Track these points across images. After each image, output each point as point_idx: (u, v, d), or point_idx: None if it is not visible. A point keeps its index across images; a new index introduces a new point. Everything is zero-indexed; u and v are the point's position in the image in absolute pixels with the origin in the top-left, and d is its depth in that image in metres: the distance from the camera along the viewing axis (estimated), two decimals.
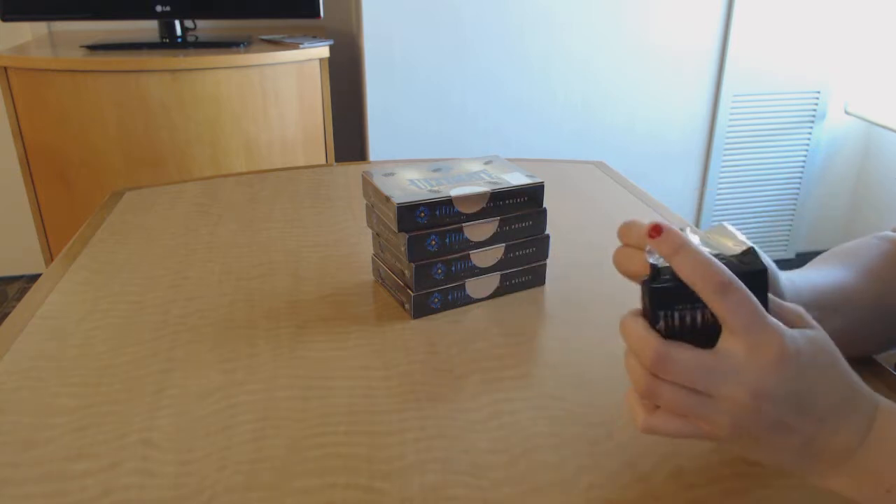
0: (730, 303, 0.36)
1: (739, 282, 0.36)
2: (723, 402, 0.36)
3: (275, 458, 0.46)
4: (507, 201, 0.64)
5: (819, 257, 0.56)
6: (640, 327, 0.38)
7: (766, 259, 0.44)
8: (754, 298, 0.36)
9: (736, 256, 0.39)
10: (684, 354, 0.36)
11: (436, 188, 0.63)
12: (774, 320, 0.36)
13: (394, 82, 1.92)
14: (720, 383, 0.36)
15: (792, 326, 0.37)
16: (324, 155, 1.86)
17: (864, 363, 0.56)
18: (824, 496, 0.42)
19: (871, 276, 0.52)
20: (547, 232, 0.68)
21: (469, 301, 0.66)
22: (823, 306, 0.49)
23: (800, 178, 2.26)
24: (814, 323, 0.38)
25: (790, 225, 2.32)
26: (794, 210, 2.30)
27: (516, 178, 0.66)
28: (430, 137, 1.99)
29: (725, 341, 0.36)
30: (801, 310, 0.39)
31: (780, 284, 0.47)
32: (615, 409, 0.51)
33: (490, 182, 0.64)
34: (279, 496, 0.43)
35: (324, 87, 1.79)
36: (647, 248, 0.39)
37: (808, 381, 0.36)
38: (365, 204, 0.70)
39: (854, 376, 0.38)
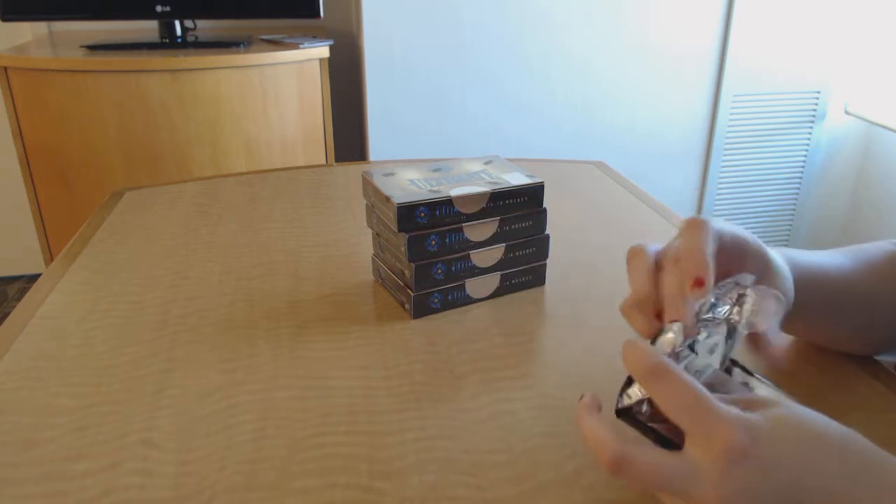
0: (662, 391, 0.33)
1: (677, 369, 0.33)
2: None
3: (275, 458, 0.46)
4: (507, 201, 0.64)
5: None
6: (598, 426, 0.34)
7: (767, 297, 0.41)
8: (694, 386, 0.33)
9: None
10: (645, 457, 0.33)
11: (436, 188, 0.63)
12: (725, 408, 0.32)
13: (394, 82, 1.92)
14: (688, 488, 0.32)
15: (755, 411, 0.33)
16: (324, 155, 1.86)
17: (864, 363, 0.56)
18: None
19: (867, 268, 0.52)
20: (547, 232, 0.68)
21: (469, 301, 0.66)
22: (820, 287, 0.49)
23: (800, 178, 2.26)
24: (785, 401, 0.34)
25: (790, 225, 2.32)
26: (794, 210, 2.30)
27: (516, 178, 0.66)
28: (430, 137, 1.99)
29: (687, 441, 0.33)
30: (770, 397, 0.35)
31: (780, 269, 0.46)
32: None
33: (490, 182, 0.64)
34: (279, 496, 0.43)
35: (324, 87, 1.79)
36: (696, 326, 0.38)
37: (790, 463, 0.32)
38: (365, 204, 0.70)
39: (863, 442, 0.33)
